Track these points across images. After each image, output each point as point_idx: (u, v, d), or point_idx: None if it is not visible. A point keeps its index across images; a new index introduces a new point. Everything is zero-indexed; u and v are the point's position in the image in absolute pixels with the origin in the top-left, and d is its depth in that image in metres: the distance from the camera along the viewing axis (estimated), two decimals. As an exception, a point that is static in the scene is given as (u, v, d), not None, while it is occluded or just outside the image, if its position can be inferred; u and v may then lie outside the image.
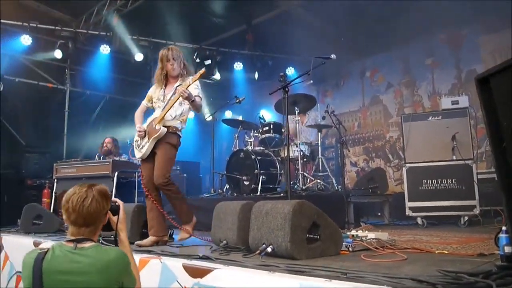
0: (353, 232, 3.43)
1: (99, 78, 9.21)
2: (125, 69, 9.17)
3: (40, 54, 8.53)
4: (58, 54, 8.29)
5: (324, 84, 9.40)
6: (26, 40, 7.82)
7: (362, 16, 7.40)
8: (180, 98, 3.74)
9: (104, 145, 6.82)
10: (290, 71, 8.93)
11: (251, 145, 6.25)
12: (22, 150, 8.01)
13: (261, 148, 6.25)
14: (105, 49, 8.41)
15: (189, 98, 3.69)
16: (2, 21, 7.45)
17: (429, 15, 7.03)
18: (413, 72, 8.48)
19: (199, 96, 3.89)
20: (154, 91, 4.07)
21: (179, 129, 3.94)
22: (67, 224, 1.98)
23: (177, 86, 3.79)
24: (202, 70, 3.78)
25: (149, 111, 4.15)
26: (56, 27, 8.04)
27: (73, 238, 1.93)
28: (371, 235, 3.32)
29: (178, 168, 7.73)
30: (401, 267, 2.36)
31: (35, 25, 7.85)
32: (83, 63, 9.21)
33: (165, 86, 4.01)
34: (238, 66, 9.10)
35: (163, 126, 3.81)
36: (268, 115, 8.38)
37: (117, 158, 6.40)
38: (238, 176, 5.88)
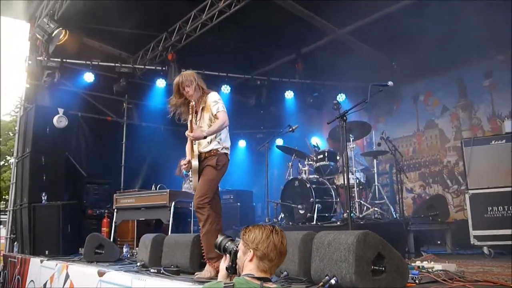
0: (418, 263, 3.30)
1: (154, 111, 9.58)
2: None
3: (100, 90, 9.02)
4: (115, 89, 8.73)
5: (376, 109, 9.26)
6: (89, 77, 8.32)
7: (413, 39, 7.32)
8: (205, 118, 3.84)
9: (179, 167, 7.10)
10: (341, 98, 8.90)
11: (305, 173, 6.22)
12: (83, 181, 8.37)
13: (316, 176, 6.20)
14: (161, 83, 8.78)
15: (197, 139, 3.78)
16: (68, 60, 7.99)
17: (485, 35, 6.85)
18: (470, 95, 8.20)
19: (222, 111, 3.86)
20: (189, 120, 4.08)
21: (220, 149, 3.90)
22: (257, 260, 2.08)
23: (201, 110, 3.91)
24: (191, 104, 3.82)
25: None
26: (116, 64, 8.50)
27: (258, 276, 2.03)
28: (438, 266, 3.17)
29: (232, 197, 7.81)
30: (477, 301, 2.25)
31: (97, 62, 8.35)
32: (140, 96, 9.64)
33: (196, 113, 4.02)
34: (289, 94, 9.20)
35: (204, 152, 3.88)
36: (319, 142, 8.33)
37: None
38: (293, 205, 5.85)
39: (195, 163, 3.85)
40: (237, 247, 2.30)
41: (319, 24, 7.64)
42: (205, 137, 3.79)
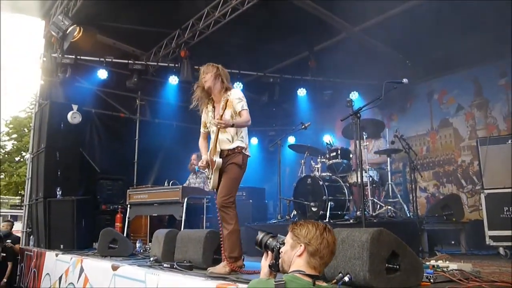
0: (433, 262, 3.27)
1: (167, 107, 9.63)
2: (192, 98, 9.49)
3: (113, 86, 9.08)
4: (128, 86, 8.78)
5: (389, 108, 9.18)
6: (102, 74, 8.38)
7: (428, 37, 7.25)
8: (227, 115, 3.73)
9: (191, 162, 7.08)
10: (354, 96, 8.83)
11: (317, 171, 6.20)
12: (97, 177, 8.45)
13: (328, 174, 6.18)
14: (173, 80, 8.81)
15: (227, 126, 3.67)
16: (82, 57, 8.06)
17: (500, 34, 6.74)
18: (486, 93, 8.09)
19: (245, 109, 3.81)
20: (206, 116, 4.08)
21: (244, 147, 3.85)
22: (308, 256, 2.01)
23: (222, 106, 3.76)
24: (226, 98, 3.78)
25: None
26: (129, 61, 8.55)
27: (308, 273, 1.97)
28: (453, 265, 3.13)
29: (244, 194, 7.80)
30: (494, 301, 2.22)
31: (110, 59, 8.41)
32: (153, 93, 9.69)
33: (213, 107, 4.00)
34: (301, 92, 9.17)
35: (227, 149, 3.81)
36: (331, 140, 8.30)
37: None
38: (305, 202, 5.83)
39: (219, 160, 3.77)
40: (280, 244, 2.23)
41: (333, 21, 7.59)
42: (232, 125, 3.70)
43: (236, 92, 3.91)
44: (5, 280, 7.69)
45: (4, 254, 7.68)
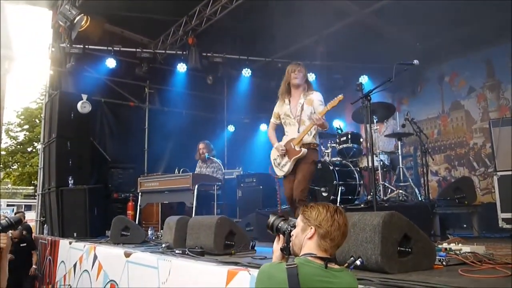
0: (445, 245, 3.25)
1: (176, 95, 9.63)
2: (200, 86, 9.49)
3: (122, 75, 9.08)
4: (137, 74, 8.77)
5: (400, 91, 9.07)
6: (111, 63, 8.38)
7: (438, 19, 7.11)
8: (307, 111, 4.14)
9: (201, 151, 7.09)
10: (364, 80, 8.72)
11: (328, 156, 6.17)
12: (108, 166, 8.52)
13: (339, 158, 6.15)
14: (181, 68, 8.79)
15: (323, 126, 4.06)
16: (90, 47, 8.04)
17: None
18: (498, 74, 7.95)
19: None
20: (281, 108, 4.36)
21: (317, 144, 4.28)
22: (319, 238, 1.95)
23: (302, 102, 4.20)
24: (341, 96, 4.07)
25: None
26: (137, 49, 8.52)
27: (320, 255, 1.92)
28: (466, 248, 3.11)
29: (254, 180, 7.80)
30: (508, 284, 2.19)
31: (118, 48, 8.39)
32: (161, 81, 9.67)
33: (290, 101, 4.29)
34: (310, 77, 9.07)
35: (303, 144, 4.15)
36: (341, 125, 8.23)
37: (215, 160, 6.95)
38: (316, 188, 5.82)
39: (305, 150, 4.14)
40: (291, 227, 2.22)
41: (341, 4, 7.48)
42: (323, 126, 4.17)
43: (319, 94, 4.29)
44: (35, 266, 7.69)
45: (25, 244, 7.70)
